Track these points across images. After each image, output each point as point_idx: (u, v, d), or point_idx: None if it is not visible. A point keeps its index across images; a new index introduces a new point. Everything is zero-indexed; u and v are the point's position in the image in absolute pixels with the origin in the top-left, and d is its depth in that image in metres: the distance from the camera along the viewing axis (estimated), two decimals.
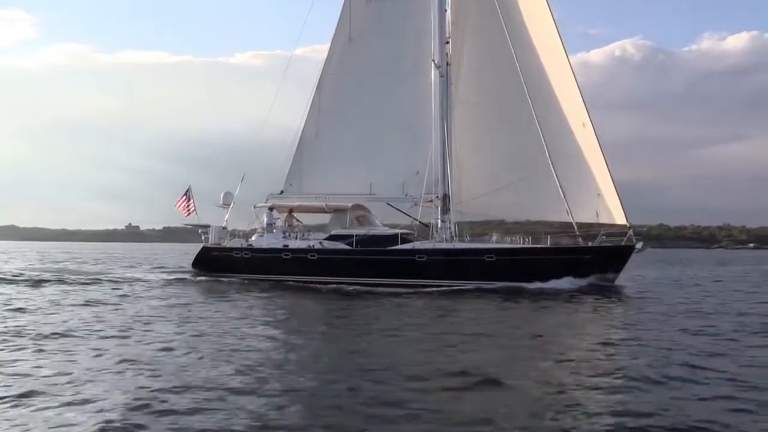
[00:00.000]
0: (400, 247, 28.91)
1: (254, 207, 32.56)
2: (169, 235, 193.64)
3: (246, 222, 33.27)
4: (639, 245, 27.76)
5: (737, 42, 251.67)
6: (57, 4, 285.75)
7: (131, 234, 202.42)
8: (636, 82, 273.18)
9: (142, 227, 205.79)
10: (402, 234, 29.51)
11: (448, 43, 31.16)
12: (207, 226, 32.82)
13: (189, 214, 32.50)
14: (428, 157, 30.48)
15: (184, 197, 32.63)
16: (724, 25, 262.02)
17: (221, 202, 33.05)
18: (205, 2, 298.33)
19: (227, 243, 32.27)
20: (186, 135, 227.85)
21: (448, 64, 31.03)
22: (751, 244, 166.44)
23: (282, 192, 32.81)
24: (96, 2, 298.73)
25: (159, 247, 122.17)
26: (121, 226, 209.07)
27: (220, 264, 31.65)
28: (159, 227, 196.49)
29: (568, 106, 29.40)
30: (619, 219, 28.50)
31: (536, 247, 28.43)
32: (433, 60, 30.77)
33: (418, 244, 29.14)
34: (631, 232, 27.94)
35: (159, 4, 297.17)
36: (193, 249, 34.52)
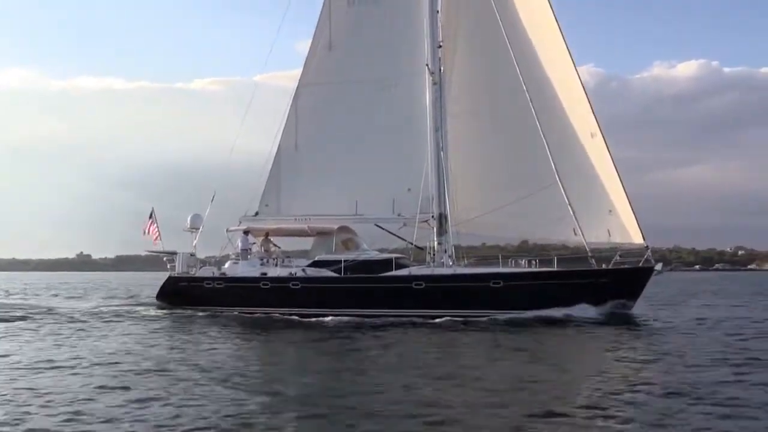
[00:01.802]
0: (394, 273, 25.78)
1: (227, 231, 29.12)
2: (122, 263, 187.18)
3: (217, 248, 29.85)
4: (658, 267, 25.09)
5: (687, 69, 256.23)
6: (6, 29, 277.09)
7: (83, 263, 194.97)
8: None
9: (94, 256, 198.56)
10: (396, 259, 26.38)
11: (440, 47, 28.27)
12: (173, 253, 29.27)
13: (157, 239, 28.95)
14: (421, 172, 27.46)
15: (150, 221, 29.10)
16: (674, 54, 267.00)
17: (188, 226, 29.58)
18: (162, 29, 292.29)
19: (197, 272, 28.76)
20: (141, 161, 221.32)
21: (441, 69, 28.14)
22: (697, 266, 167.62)
23: (257, 213, 29.46)
24: (48, 27, 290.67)
25: (117, 276, 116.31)
26: (72, 255, 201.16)
27: (188, 295, 28.15)
28: (112, 256, 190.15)
29: (574, 115, 26.70)
30: (635, 238, 25.77)
31: (550, 271, 25.52)
32: (427, 64, 27.86)
33: (414, 270, 26.04)
34: (649, 252, 25.26)
35: (113, 29, 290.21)
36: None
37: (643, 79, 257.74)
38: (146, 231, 28.96)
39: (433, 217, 27.55)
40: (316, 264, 26.91)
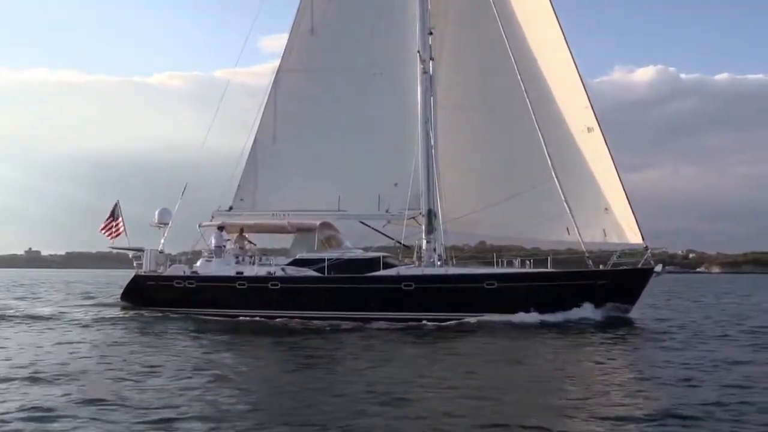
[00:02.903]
0: (382, 273, 24.14)
1: (199, 226, 27.06)
2: (72, 260, 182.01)
3: (186, 245, 27.83)
4: (658, 267, 23.91)
5: (645, 75, 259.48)
6: None
7: (32, 259, 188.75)
8: None
9: (44, 252, 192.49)
10: (384, 258, 24.74)
11: (431, 34, 26.67)
12: (140, 250, 27.16)
13: (117, 235, 26.79)
14: (409, 166, 25.86)
15: (110, 218, 26.93)
16: (633, 59, 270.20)
17: (156, 221, 27.46)
18: (120, 21, 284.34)
19: (166, 270, 26.70)
20: (96, 155, 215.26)
21: (432, 58, 26.56)
22: None
23: (231, 208, 27.49)
24: (3, 18, 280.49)
25: (70, 274, 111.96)
26: (20, 251, 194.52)
27: (157, 296, 26.08)
28: (62, 252, 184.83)
29: (570, 108, 25.39)
30: (633, 238, 24.57)
31: (548, 272, 24.18)
32: (419, 51, 26.25)
33: (403, 270, 24.43)
34: (649, 253, 24.08)
35: (70, 21, 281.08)
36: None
37: (603, 84, 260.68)
38: (108, 227, 26.72)
39: (421, 213, 25.98)
40: (296, 263, 25.12)
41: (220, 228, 26.60)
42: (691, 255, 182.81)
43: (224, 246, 26.37)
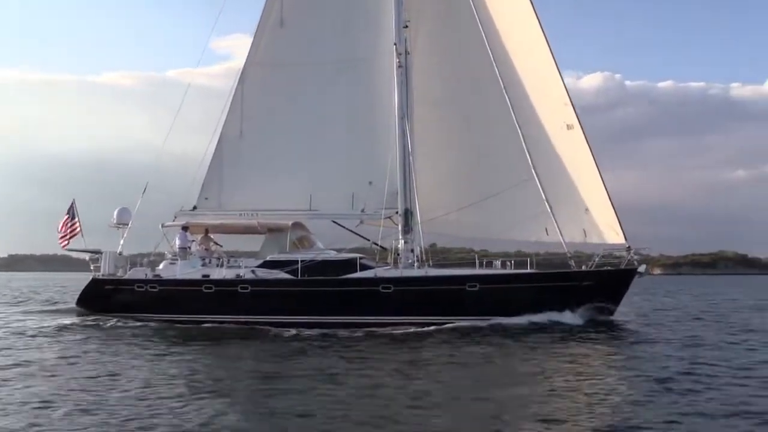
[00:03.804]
0: (359, 275, 23.01)
1: (162, 226, 25.52)
2: (14, 263, 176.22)
3: (150, 246, 26.25)
4: (642, 268, 23.38)
5: (592, 81, 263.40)
6: None
7: None
8: None
9: None
10: (360, 259, 23.61)
11: (406, 27, 25.66)
12: (98, 252, 25.49)
13: (73, 236, 25.10)
14: (385, 164, 24.76)
15: (67, 217, 25.25)
16: (581, 66, 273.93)
17: (115, 221, 25.85)
18: (71, 20, 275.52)
19: (126, 273, 25.10)
20: (45, 155, 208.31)
21: (407, 52, 25.53)
22: None
23: (195, 208, 26.02)
24: None
25: (13, 277, 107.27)
26: None
27: (116, 301, 24.52)
28: (4, 255, 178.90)
29: (549, 105, 24.66)
30: (615, 238, 23.94)
31: (531, 273, 23.37)
32: (395, 44, 25.20)
33: (381, 272, 23.33)
34: (632, 253, 23.49)
35: (20, 18, 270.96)
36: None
37: None
38: (65, 227, 25.04)
39: (398, 213, 24.93)
40: (267, 264, 23.82)
41: (185, 228, 25.13)
42: (635, 256, 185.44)
43: (189, 247, 24.92)
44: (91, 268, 25.54)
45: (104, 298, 24.70)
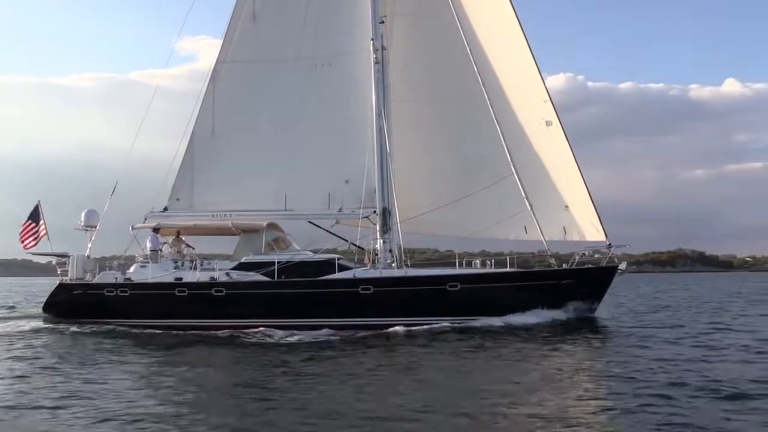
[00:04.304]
0: (338, 276, 22.44)
1: (132, 228, 24.67)
2: None
3: (119, 249, 25.37)
4: (622, 266, 23.21)
5: (556, 82, 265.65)
6: None
7: None
8: None
9: None
10: (339, 260, 23.04)
11: (382, 23, 25.15)
12: (65, 256, 24.55)
13: (38, 240, 24.14)
14: (361, 162, 24.27)
15: (30, 221, 24.25)
16: (543, 67, 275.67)
17: (82, 224, 24.92)
18: (33, 21, 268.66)
19: (95, 277, 24.21)
20: (7, 157, 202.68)
21: (384, 48, 25.04)
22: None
23: (166, 209, 25.22)
24: None
25: None
26: None
27: (85, 306, 23.58)
28: None
29: (528, 102, 24.38)
30: (596, 235, 23.74)
31: (513, 272, 23.04)
32: (373, 39, 24.69)
33: (360, 272, 22.79)
34: (612, 250, 23.30)
35: None
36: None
37: None
38: (30, 231, 24.05)
39: (375, 212, 24.41)
40: (242, 266, 23.11)
41: (156, 230, 24.34)
42: (596, 255, 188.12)
43: (160, 250, 24.12)
44: (58, 272, 24.56)
45: (72, 304, 23.75)
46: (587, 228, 23.80)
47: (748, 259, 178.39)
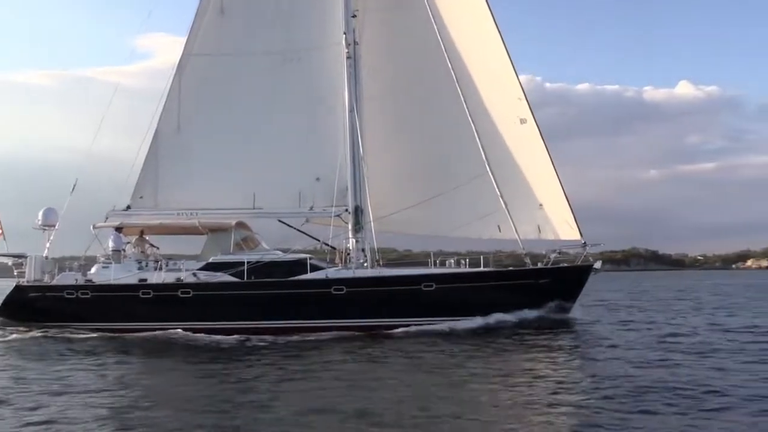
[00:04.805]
0: (310, 276, 21.79)
1: (93, 228, 23.65)
2: None
3: (80, 249, 24.30)
4: (597, 265, 22.95)
5: None
6: None
7: None
8: None
9: None
10: (311, 260, 22.37)
11: (354, 17, 24.55)
12: (22, 256, 23.43)
13: None
14: (333, 159, 23.69)
15: None
16: None
17: (40, 223, 23.82)
18: None
19: (54, 279, 23.15)
20: None
21: (356, 42, 24.43)
22: (511, 268, 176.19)
23: (129, 207, 24.26)
24: None
25: None
26: None
27: (43, 309, 22.48)
28: None
29: (502, 99, 24.01)
30: (570, 234, 23.46)
31: (490, 272, 22.66)
32: (345, 33, 24.06)
33: (332, 273, 22.15)
34: (587, 249, 23.06)
35: None
36: None
37: None
38: None
39: (347, 211, 23.80)
40: (210, 267, 22.30)
41: (118, 229, 23.36)
42: (553, 255, 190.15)
43: (123, 250, 23.17)
44: (15, 273, 23.43)
45: (30, 307, 22.62)
46: (562, 227, 23.52)
47: (699, 258, 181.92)
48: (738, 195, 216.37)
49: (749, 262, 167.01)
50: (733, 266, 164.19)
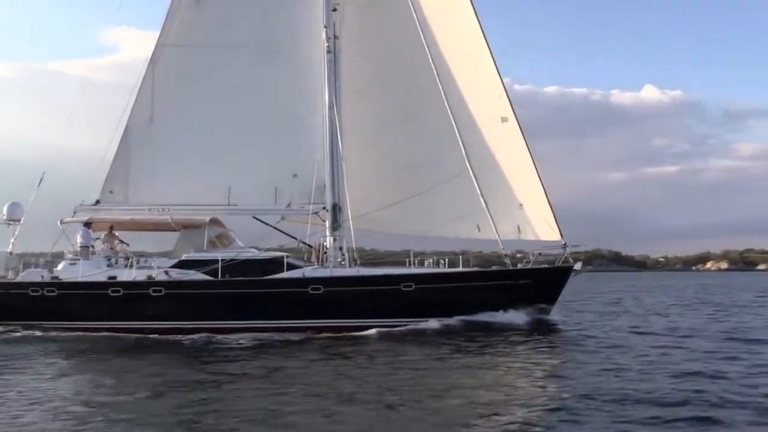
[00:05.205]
0: (286, 275, 21.22)
1: (60, 223, 22.78)
2: None
3: (46, 245, 23.41)
4: (577, 266, 22.74)
5: None
6: None
7: None
8: None
9: None
10: (287, 258, 21.80)
11: (335, 10, 23.99)
12: None
13: None
14: (310, 155, 23.15)
15: None
16: None
17: (5, 217, 22.92)
18: None
19: (19, 275, 22.23)
20: None
21: (336, 36, 23.88)
22: (476, 268, 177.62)
23: (98, 202, 23.41)
24: None
25: None
26: None
27: (7, 307, 21.52)
28: None
29: (483, 97, 23.66)
30: (551, 234, 23.19)
31: (470, 272, 22.33)
32: (326, 27, 23.50)
33: (309, 272, 21.61)
34: (567, 250, 22.82)
35: None
36: None
37: None
38: None
39: (325, 208, 23.26)
40: (182, 264, 21.62)
41: (87, 225, 22.53)
42: (518, 254, 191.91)
43: (92, 246, 22.35)
44: None
45: None
46: (542, 227, 23.25)
47: (660, 259, 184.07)
48: (700, 198, 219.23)
49: (709, 264, 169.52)
50: (693, 268, 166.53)
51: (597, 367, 13.90)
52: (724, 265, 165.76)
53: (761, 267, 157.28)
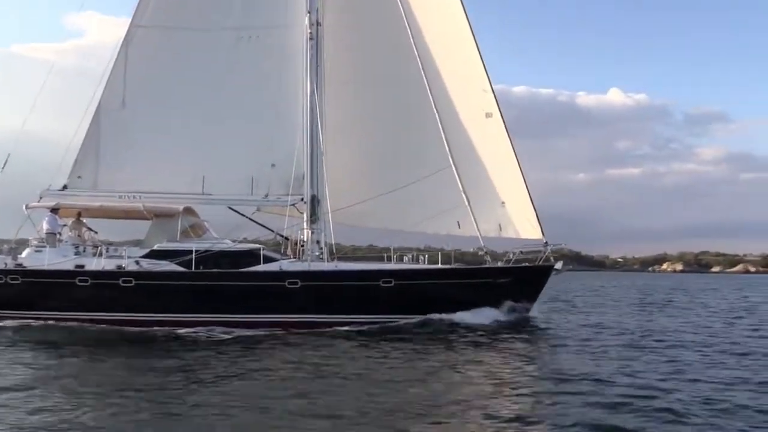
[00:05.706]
0: (262, 268, 20.53)
1: (26, 207, 21.75)
2: None
3: (9, 231, 22.37)
4: (558, 265, 22.47)
5: None
6: None
7: None
8: None
9: None
10: (264, 251, 21.11)
11: None
12: None
13: None
14: (290, 144, 22.45)
15: None
16: None
17: None
18: None
19: None
20: None
21: (319, 23, 23.19)
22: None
23: (65, 187, 22.43)
24: None
25: None
26: None
27: None
28: None
29: (468, 91, 23.20)
30: (532, 233, 22.86)
31: (451, 269, 21.86)
32: (309, 13, 22.79)
33: (286, 265, 20.95)
34: (549, 249, 22.54)
35: None
36: None
37: None
38: None
39: (303, 200, 22.60)
40: (154, 254, 20.77)
41: (54, 211, 21.54)
42: (480, 252, 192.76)
43: (59, 233, 21.38)
44: None
45: None
46: (523, 225, 22.91)
47: (619, 259, 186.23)
48: (660, 201, 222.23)
49: (665, 266, 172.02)
50: (650, 269, 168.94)
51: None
52: (679, 266, 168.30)
53: (715, 269, 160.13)
